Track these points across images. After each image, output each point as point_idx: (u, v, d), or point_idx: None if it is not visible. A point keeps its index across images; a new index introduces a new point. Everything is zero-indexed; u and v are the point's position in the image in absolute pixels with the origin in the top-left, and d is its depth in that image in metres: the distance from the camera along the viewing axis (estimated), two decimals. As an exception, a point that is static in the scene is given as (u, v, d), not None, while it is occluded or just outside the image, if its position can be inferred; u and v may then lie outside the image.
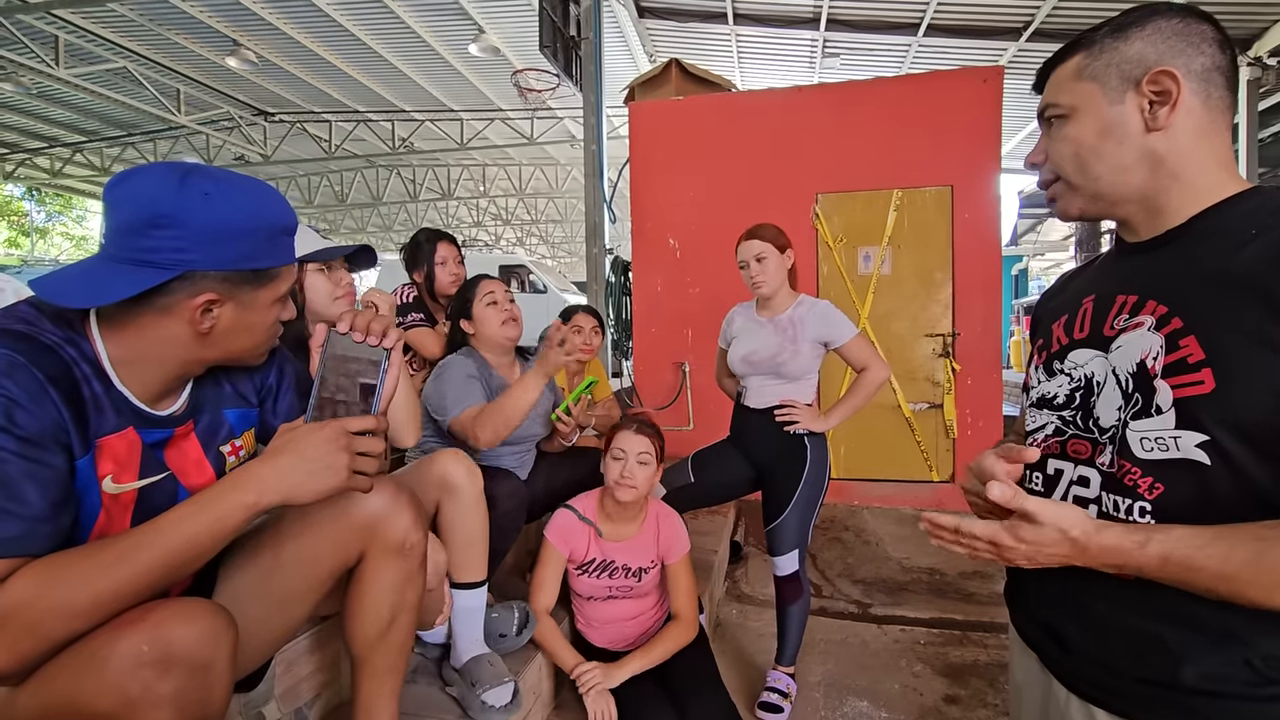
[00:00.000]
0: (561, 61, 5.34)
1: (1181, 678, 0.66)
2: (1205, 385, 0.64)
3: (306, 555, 1.03)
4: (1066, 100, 0.76)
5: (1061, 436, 0.79)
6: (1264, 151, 9.17)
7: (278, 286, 0.89)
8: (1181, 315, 0.67)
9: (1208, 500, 0.64)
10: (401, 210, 19.21)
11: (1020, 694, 0.89)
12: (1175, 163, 0.71)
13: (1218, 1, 6.03)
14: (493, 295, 1.87)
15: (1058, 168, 0.79)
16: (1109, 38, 0.74)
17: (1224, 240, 0.67)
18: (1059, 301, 0.89)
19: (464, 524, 1.46)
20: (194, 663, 0.73)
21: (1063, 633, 0.77)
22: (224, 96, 10.34)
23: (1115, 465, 0.71)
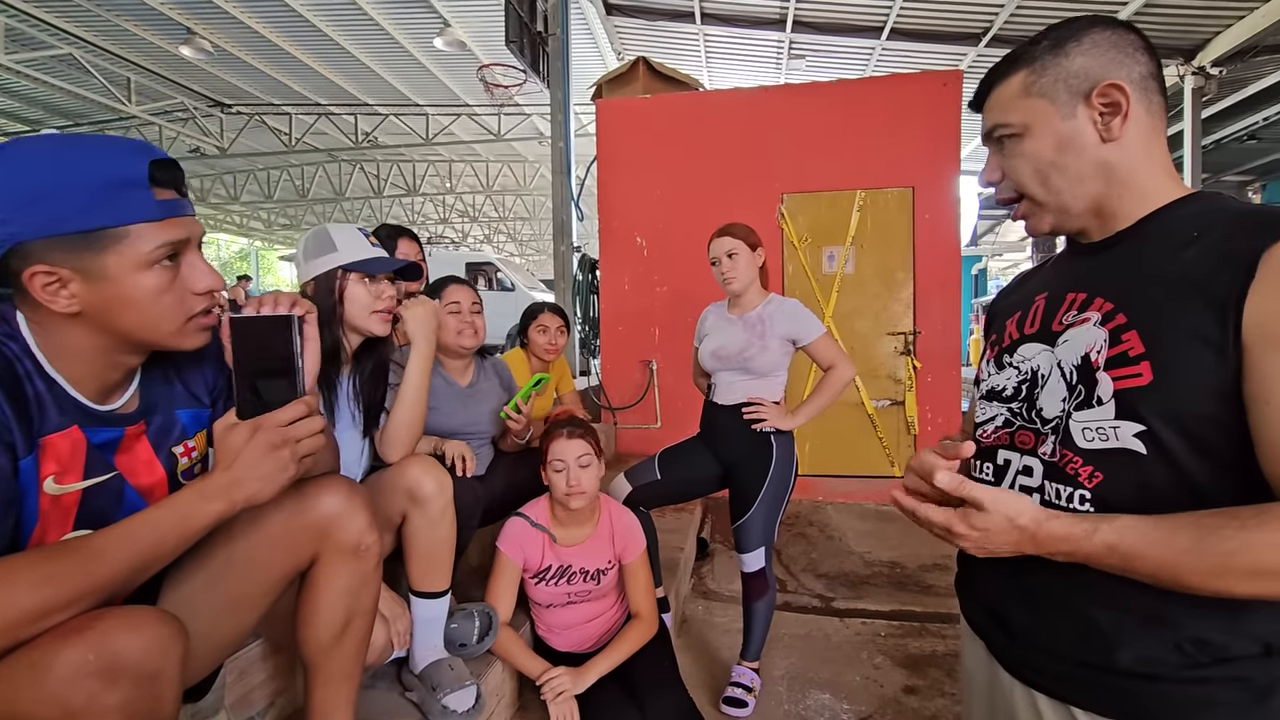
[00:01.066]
0: (529, 57, 5.29)
1: (1116, 661, 0.69)
2: (1144, 378, 0.66)
3: (257, 558, 1.00)
4: (1018, 118, 0.77)
5: (1010, 428, 0.81)
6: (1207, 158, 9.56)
7: (130, 250, 0.78)
8: (1125, 311, 0.70)
9: (1144, 489, 0.66)
10: (365, 206, 18.84)
11: (970, 681, 0.91)
12: (1126, 170, 0.74)
13: (1164, 13, 6.27)
14: (457, 305, 1.85)
15: (1019, 185, 0.79)
16: (1049, 54, 0.75)
17: (1169, 241, 0.70)
18: (1014, 299, 0.91)
19: (430, 534, 1.43)
20: (141, 672, 0.71)
21: (1008, 619, 0.79)
22: (178, 86, 9.99)
23: (1058, 454, 0.73)
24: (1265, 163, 12.47)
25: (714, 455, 2.10)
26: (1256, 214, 0.66)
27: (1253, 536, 0.57)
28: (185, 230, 0.83)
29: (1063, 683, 0.73)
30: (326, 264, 1.38)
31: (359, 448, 1.48)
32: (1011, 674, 0.79)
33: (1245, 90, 8.44)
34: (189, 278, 0.84)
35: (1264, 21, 5.93)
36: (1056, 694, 0.74)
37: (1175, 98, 7.60)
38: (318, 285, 1.39)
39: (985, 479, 0.83)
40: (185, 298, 0.84)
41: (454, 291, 1.88)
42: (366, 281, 1.40)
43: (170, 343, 0.86)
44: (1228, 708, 0.65)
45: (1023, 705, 0.77)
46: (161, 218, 0.80)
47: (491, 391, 1.98)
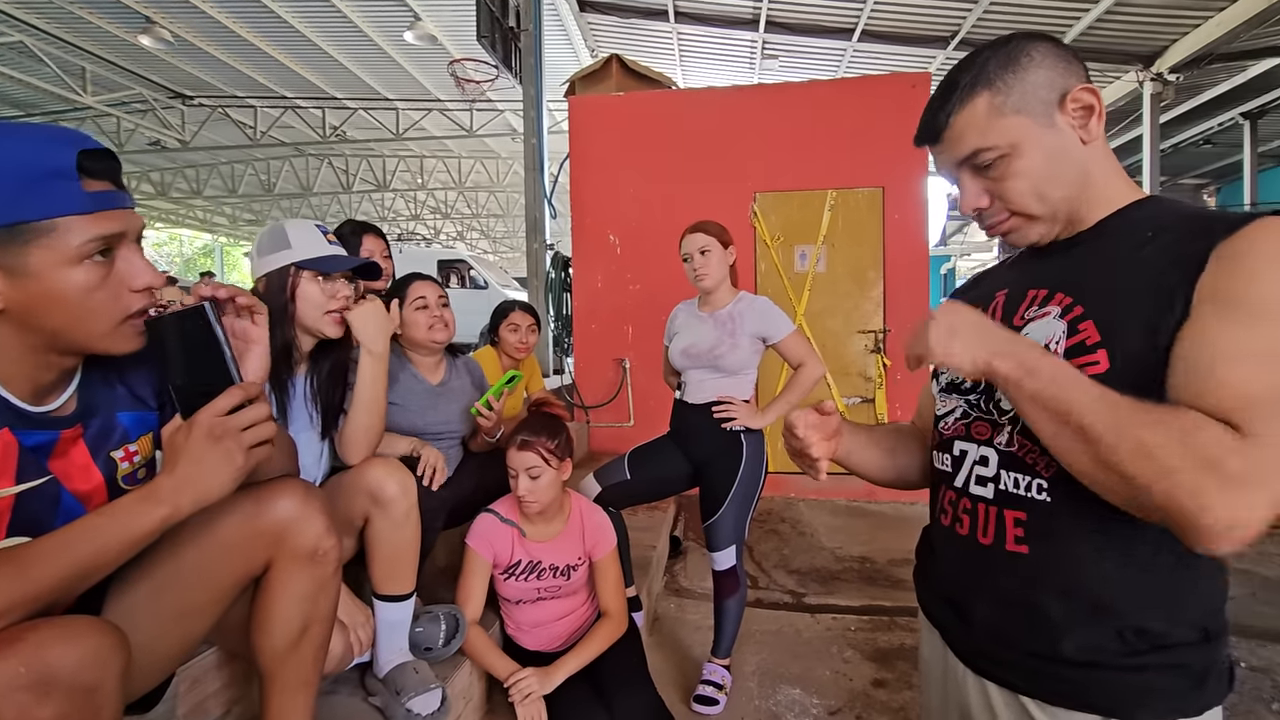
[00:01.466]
0: (500, 53, 5.24)
1: (1062, 650, 0.70)
2: (1101, 365, 0.67)
3: (208, 564, 0.97)
4: (1002, 139, 0.75)
5: (967, 419, 0.82)
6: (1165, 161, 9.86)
7: (56, 244, 0.73)
8: (1083, 303, 0.72)
9: None
10: (334, 201, 18.50)
11: (926, 671, 0.93)
12: (1094, 173, 0.76)
13: (1120, 21, 6.44)
14: (423, 300, 1.81)
15: (1016, 206, 0.78)
16: (1007, 73, 0.74)
17: (1126, 241, 0.73)
18: (972, 296, 0.92)
19: (393, 537, 1.40)
20: (77, 685, 0.68)
21: (962, 610, 0.80)
22: (136, 77, 9.69)
23: (1015, 444, 0.75)
24: (1219, 166, 12.92)
25: (684, 454, 2.10)
26: (1206, 216, 0.68)
27: (1164, 415, 0.59)
28: (120, 224, 0.78)
29: (1012, 671, 0.75)
30: (279, 260, 1.34)
31: (318, 449, 1.44)
32: (964, 663, 0.80)
33: (1201, 96, 8.72)
34: (125, 274, 0.79)
35: (1218, 30, 6.13)
36: (1006, 682, 0.75)
37: (1135, 103, 7.82)
38: (269, 282, 1.34)
39: (944, 469, 0.85)
40: (120, 296, 0.79)
41: (419, 287, 1.84)
42: (320, 280, 1.34)
43: (103, 345, 0.81)
44: (1165, 693, 0.67)
45: (974, 694, 0.79)
46: (91, 210, 0.75)
47: (463, 390, 1.95)
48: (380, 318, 1.42)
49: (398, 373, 1.80)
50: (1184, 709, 0.67)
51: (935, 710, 0.89)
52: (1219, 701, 0.69)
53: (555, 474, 1.66)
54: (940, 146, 0.80)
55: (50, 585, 0.70)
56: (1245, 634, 2.45)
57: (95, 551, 0.73)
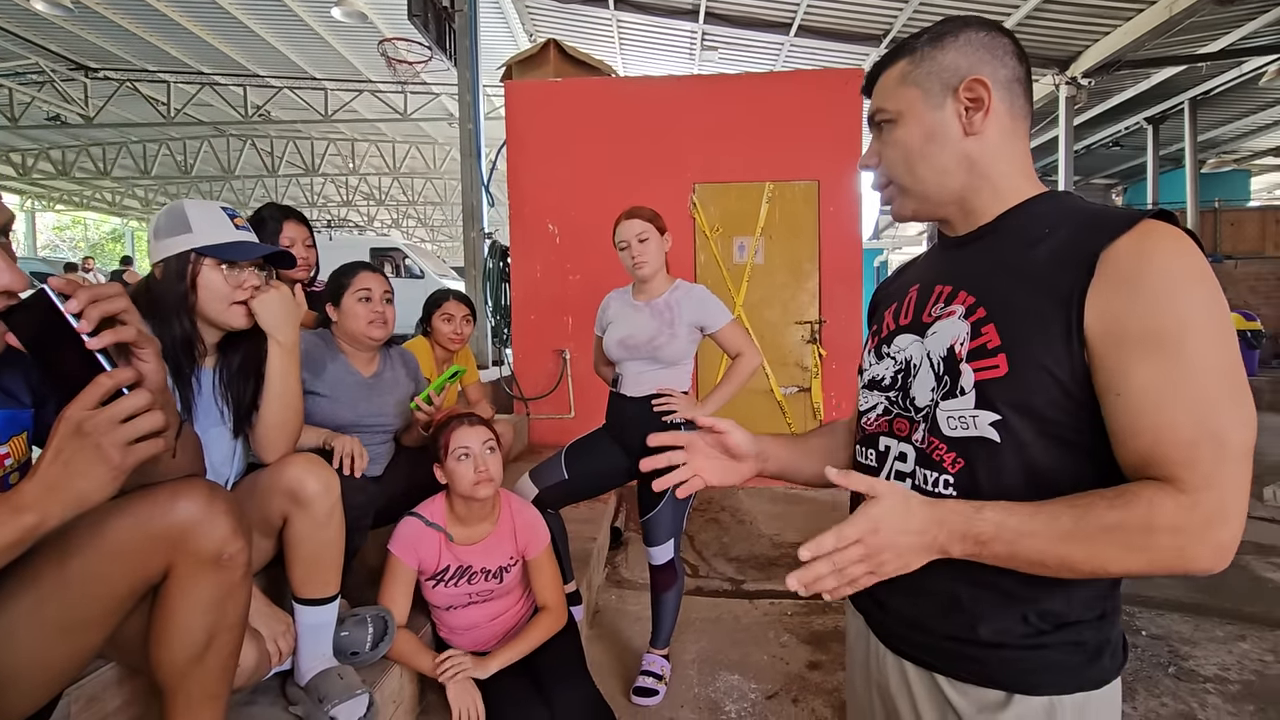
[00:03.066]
0: (434, 33, 5.06)
1: (973, 633, 0.74)
2: (1000, 369, 0.70)
3: (98, 573, 0.89)
4: (893, 105, 0.79)
5: (889, 416, 0.85)
6: (1078, 162, 10.46)
7: None
8: (985, 305, 0.74)
9: (997, 474, 0.71)
10: (259, 185, 17.60)
11: (852, 652, 0.95)
12: (986, 165, 0.77)
13: (1040, 26, 6.77)
14: (368, 292, 1.73)
15: (890, 171, 0.82)
16: (928, 45, 0.78)
17: (1023, 237, 0.74)
18: (892, 290, 0.95)
19: (315, 538, 1.32)
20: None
21: (881, 595, 0.82)
22: (30, 45, 8.91)
23: (926, 442, 0.77)
24: (1127, 168, 13.82)
25: (622, 448, 2.06)
26: (1099, 214, 0.71)
27: (1123, 515, 0.61)
28: None
29: (927, 652, 0.78)
30: (178, 245, 1.22)
31: (229, 448, 1.34)
32: (884, 644, 0.84)
33: (1110, 100, 9.30)
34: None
35: (1126, 38, 6.52)
36: (922, 662, 0.79)
37: (1051, 105, 8.25)
38: (166, 268, 1.23)
39: (869, 464, 0.86)
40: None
41: (365, 278, 1.75)
42: (224, 269, 1.24)
43: None
44: (1064, 668, 0.72)
45: (893, 672, 0.82)
46: None
47: (397, 382, 1.87)
48: (287, 305, 1.30)
49: (328, 363, 1.71)
50: (1081, 682, 0.71)
51: (859, 688, 0.92)
52: (1115, 674, 0.73)
53: (501, 455, 1.62)
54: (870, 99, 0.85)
55: None
56: (1146, 604, 2.64)
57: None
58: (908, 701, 0.80)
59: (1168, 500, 0.60)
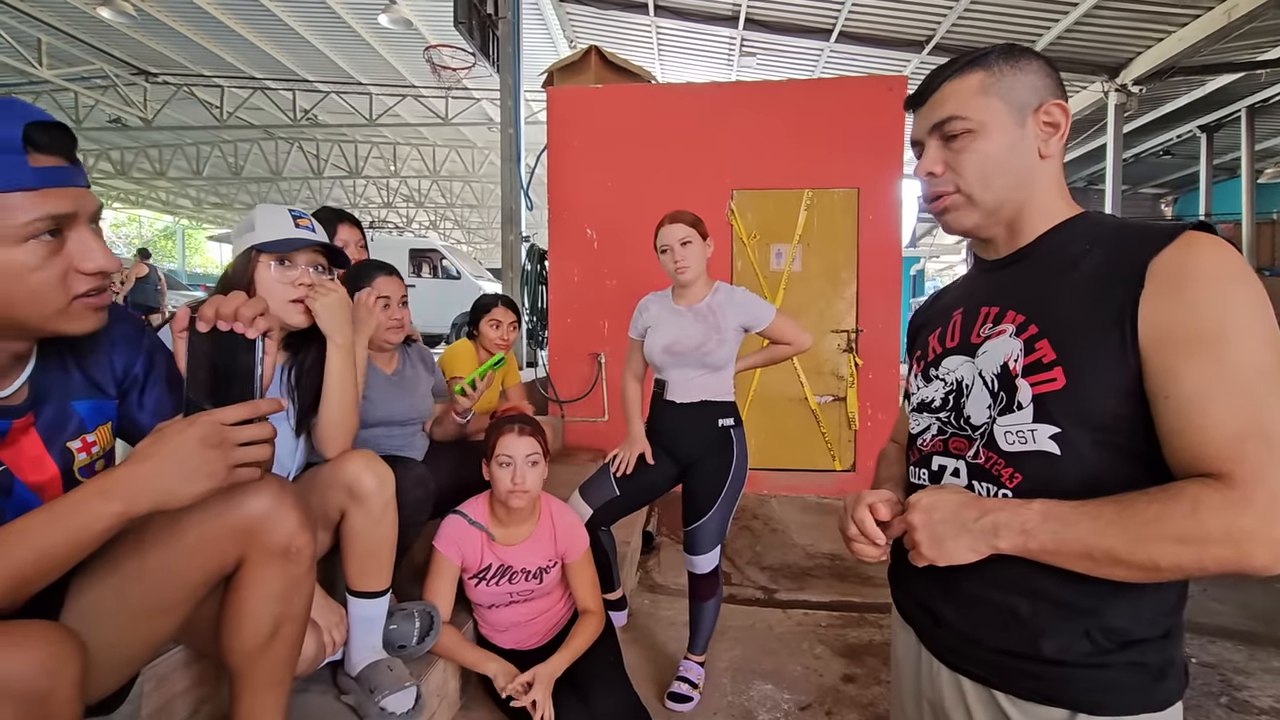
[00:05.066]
0: (478, 40, 5.16)
1: (1033, 648, 0.74)
2: (1057, 382, 0.72)
3: (175, 562, 0.94)
4: (977, 115, 0.79)
5: (943, 435, 0.86)
6: (1126, 171, 10.15)
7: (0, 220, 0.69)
8: (1036, 321, 0.75)
9: (1056, 486, 0.71)
10: (304, 187, 18.08)
11: (899, 667, 0.95)
12: (1040, 186, 0.80)
13: (1089, 31, 6.60)
14: (386, 299, 1.77)
15: (962, 180, 0.81)
16: (1004, 63, 0.79)
17: (1065, 256, 0.77)
18: (932, 315, 0.97)
19: (371, 533, 1.37)
20: (28, 694, 0.65)
21: (937, 609, 0.83)
22: (96, 51, 9.33)
23: (983, 457, 0.79)
24: (1178, 177, 13.35)
25: (669, 455, 2.05)
26: (1140, 229, 0.73)
27: (1166, 508, 0.62)
28: (71, 203, 0.74)
29: (985, 667, 0.78)
30: (244, 243, 1.29)
31: (292, 443, 1.41)
32: (939, 659, 0.84)
33: (1162, 108, 9.00)
34: (76, 255, 0.75)
35: (1180, 45, 6.32)
36: (980, 678, 0.79)
37: (1099, 113, 8.03)
38: (234, 266, 1.29)
39: (922, 484, 0.88)
40: (68, 276, 0.75)
41: (385, 284, 1.78)
42: (275, 265, 1.28)
43: (52, 327, 0.76)
44: (1128, 689, 0.71)
45: (949, 688, 0.82)
46: (38, 186, 0.71)
47: (419, 377, 1.93)
48: (344, 307, 1.35)
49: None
50: (1146, 703, 0.71)
51: (909, 705, 0.92)
52: (1179, 697, 0.73)
53: (545, 467, 1.65)
54: (924, 109, 0.84)
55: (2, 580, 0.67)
56: (1197, 631, 2.55)
57: (43, 551, 0.69)
58: (964, 718, 0.80)
59: (1214, 495, 0.61)
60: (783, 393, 4.38)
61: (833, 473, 4.39)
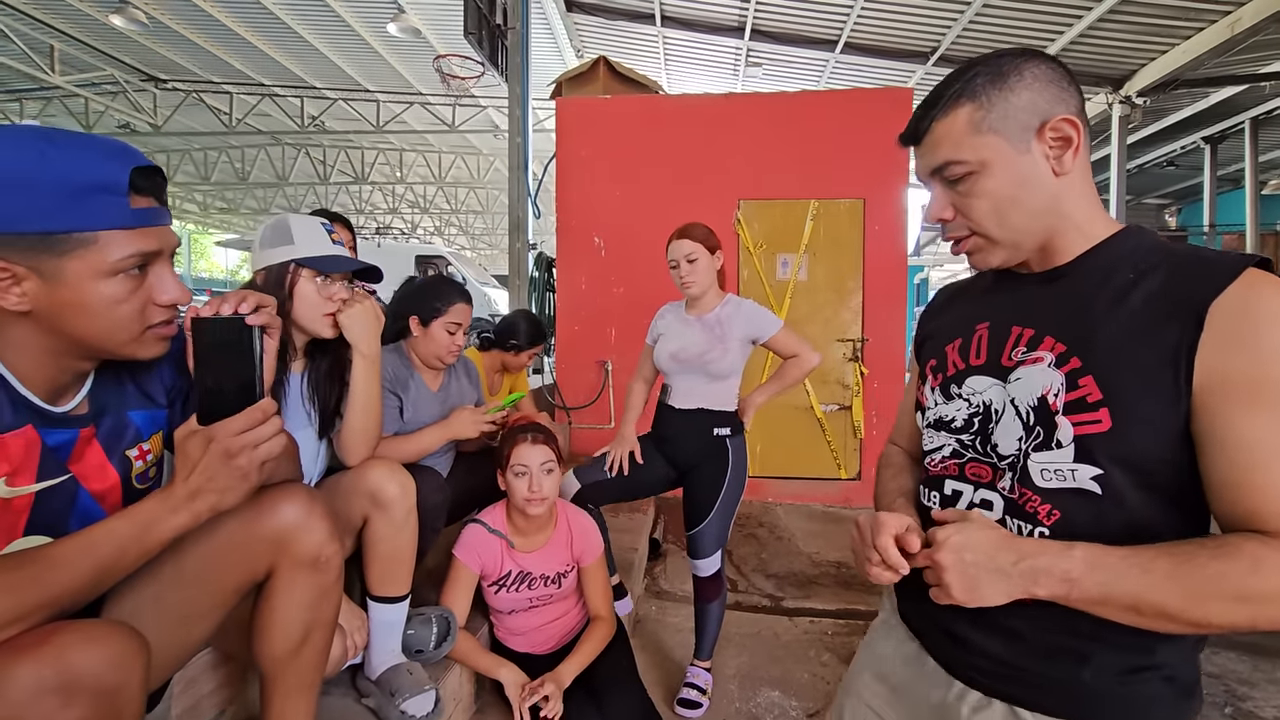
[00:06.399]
0: (487, 50, 5.22)
1: (1072, 675, 0.72)
2: (1103, 424, 0.68)
3: (210, 569, 0.97)
4: (973, 156, 0.74)
5: (960, 459, 0.82)
6: (1130, 181, 10.20)
7: (94, 256, 0.74)
8: (1080, 355, 0.71)
9: (1096, 527, 0.69)
10: (310, 192, 18.16)
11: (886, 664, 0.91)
12: (1070, 205, 0.75)
13: (1093, 44, 6.65)
14: (457, 326, 1.79)
15: (976, 225, 0.77)
16: (993, 88, 0.73)
17: (1108, 281, 0.72)
18: (946, 322, 0.91)
19: (393, 539, 1.40)
20: (101, 688, 0.68)
21: (964, 636, 0.79)
22: (107, 58, 9.42)
23: (1016, 492, 0.75)
24: (1181, 188, 13.38)
25: (666, 458, 2.11)
26: (1195, 259, 0.69)
27: (1225, 566, 0.60)
28: (158, 241, 0.80)
29: (1017, 687, 0.76)
30: (280, 255, 1.32)
31: (314, 449, 1.44)
32: (956, 677, 0.81)
33: (1166, 119, 9.05)
34: (154, 289, 0.81)
35: (1184, 57, 6.36)
36: (1006, 696, 0.76)
37: (1104, 124, 8.07)
38: (268, 276, 1.32)
39: (931, 506, 0.84)
40: (146, 308, 0.81)
41: (459, 312, 1.78)
42: (319, 280, 1.33)
43: (124, 352, 0.82)
44: (1161, 704, 0.71)
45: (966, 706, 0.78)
46: (134, 226, 0.77)
47: (463, 394, 1.95)
48: (370, 318, 1.39)
49: (408, 381, 1.78)
50: (1174, 718, 0.71)
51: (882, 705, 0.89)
52: (1197, 713, 0.73)
53: (559, 474, 1.68)
54: (920, 150, 0.80)
55: (74, 587, 0.71)
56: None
57: (116, 555, 0.74)
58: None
59: (1274, 555, 0.59)
60: (788, 401, 4.41)
61: (838, 481, 4.41)
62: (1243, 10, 5.59)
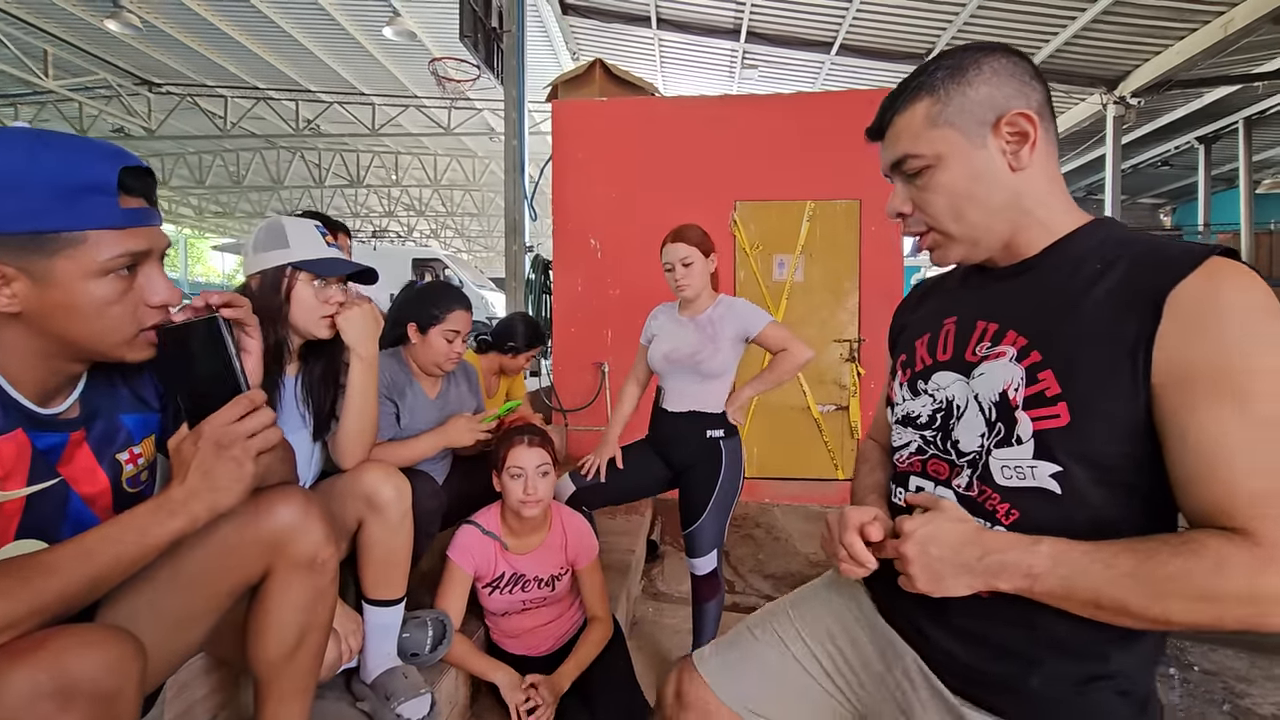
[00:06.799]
0: (482, 53, 5.22)
1: (1027, 682, 0.71)
2: (1061, 419, 0.66)
3: (205, 573, 0.96)
4: (929, 149, 0.74)
5: (923, 455, 0.81)
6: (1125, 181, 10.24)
7: (84, 256, 0.73)
8: (1040, 349, 0.70)
9: (1056, 526, 0.67)
10: (305, 195, 18.13)
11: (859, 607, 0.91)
12: (1033, 200, 0.74)
13: (1087, 45, 6.68)
14: (456, 334, 1.78)
15: (932, 220, 0.77)
16: (951, 82, 0.73)
17: (1075, 274, 0.70)
18: (919, 316, 0.91)
19: (388, 542, 1.39)
20: (99, 693, 0.68)
21: (923, 629, 0.80)
22: (101, 62, 9.40)
23: (975, 489, 0.74)
24: (1176, 187, 13.45)
25: (662, 459, 2.12)
26: (1156, 250, 0.67)
27: (1189, 564, 0.58)
28: (148, 241, 0.79)
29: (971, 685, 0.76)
30: (276, 259, 1.32)
31: (309, 451, 1.43)
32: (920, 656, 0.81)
33: (1160, 120, 9.10)
34: (144, 290, 0.80)
35: (1178, 58, 6.40)
36: (958, 690, 0.76)
37: (1098, 124, 8.12)
38: (264, 280, 1.32)
39: (900, 504, 0.84)
40: (137, 309, 0.80)
41: (458, 319, 1.76)
42: (316, 283, 1.33)
43: (115, 354, 0.82)
44: (1115, 716, 0.70)
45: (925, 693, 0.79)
46: (124, 226, 0.76)
47: (462, 401, 1.93)
48: (368, 321, 1.39)
49: (406, 387, 1.77)
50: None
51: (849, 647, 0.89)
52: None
53: (555, 477, 1.67)
54: (882, 144, 0.81)
55: (69, 593, 0.70)
56: (1197, 639, 2.57)
57: (112, 560, 0.73)
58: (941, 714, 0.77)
59: (1239, 553, 0.57)
60: (786, 402, 4.41)
61: (835, 482, 4.41)
62: (1235, 10, 5.63)
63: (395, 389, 1.71)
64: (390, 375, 1.70)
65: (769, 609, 1.02)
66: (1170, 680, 2.17)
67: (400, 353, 1.81)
